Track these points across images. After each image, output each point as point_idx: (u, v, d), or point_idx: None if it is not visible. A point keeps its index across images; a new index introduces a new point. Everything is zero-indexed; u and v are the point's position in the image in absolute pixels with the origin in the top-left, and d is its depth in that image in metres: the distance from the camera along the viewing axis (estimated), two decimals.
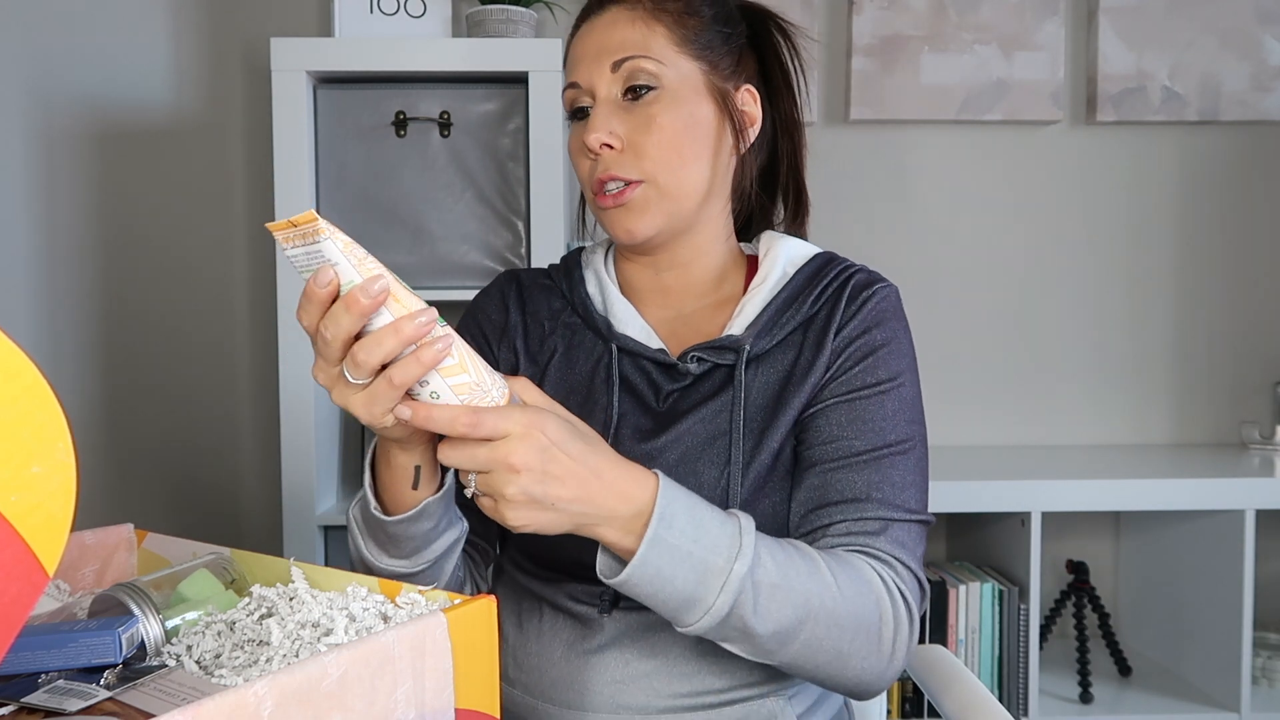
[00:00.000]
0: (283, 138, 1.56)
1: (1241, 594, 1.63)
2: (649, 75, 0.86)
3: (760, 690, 0.84)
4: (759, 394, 0.86)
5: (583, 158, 0.90)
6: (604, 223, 0.90)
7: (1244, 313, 2.03)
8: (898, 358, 0.86)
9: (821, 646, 0.74)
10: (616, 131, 0.86)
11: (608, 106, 0.86)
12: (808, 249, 0.94)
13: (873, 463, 0.82)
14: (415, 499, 0.75)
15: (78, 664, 0.58)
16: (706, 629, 0.71)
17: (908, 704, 1.76)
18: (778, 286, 0.90)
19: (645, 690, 0.83)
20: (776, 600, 0.72)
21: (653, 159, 0.86)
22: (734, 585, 0.70)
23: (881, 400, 0.84)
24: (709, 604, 0.70)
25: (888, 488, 0.81)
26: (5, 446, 0.37)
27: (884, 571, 0.78)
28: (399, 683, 0.51)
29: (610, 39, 0.87)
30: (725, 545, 0.71)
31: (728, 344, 0.87)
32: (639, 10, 0.87)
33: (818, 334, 0.87)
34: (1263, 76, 1.96)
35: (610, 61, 0.86)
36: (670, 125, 0.86)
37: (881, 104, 1.94)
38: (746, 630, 0.72)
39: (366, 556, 0.79)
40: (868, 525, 0.80)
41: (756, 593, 0.71)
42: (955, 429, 2.02)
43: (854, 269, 0.91)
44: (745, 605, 0.70)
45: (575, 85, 0.89)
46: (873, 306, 0.87)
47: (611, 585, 0.71)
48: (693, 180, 0.88)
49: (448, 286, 1.60)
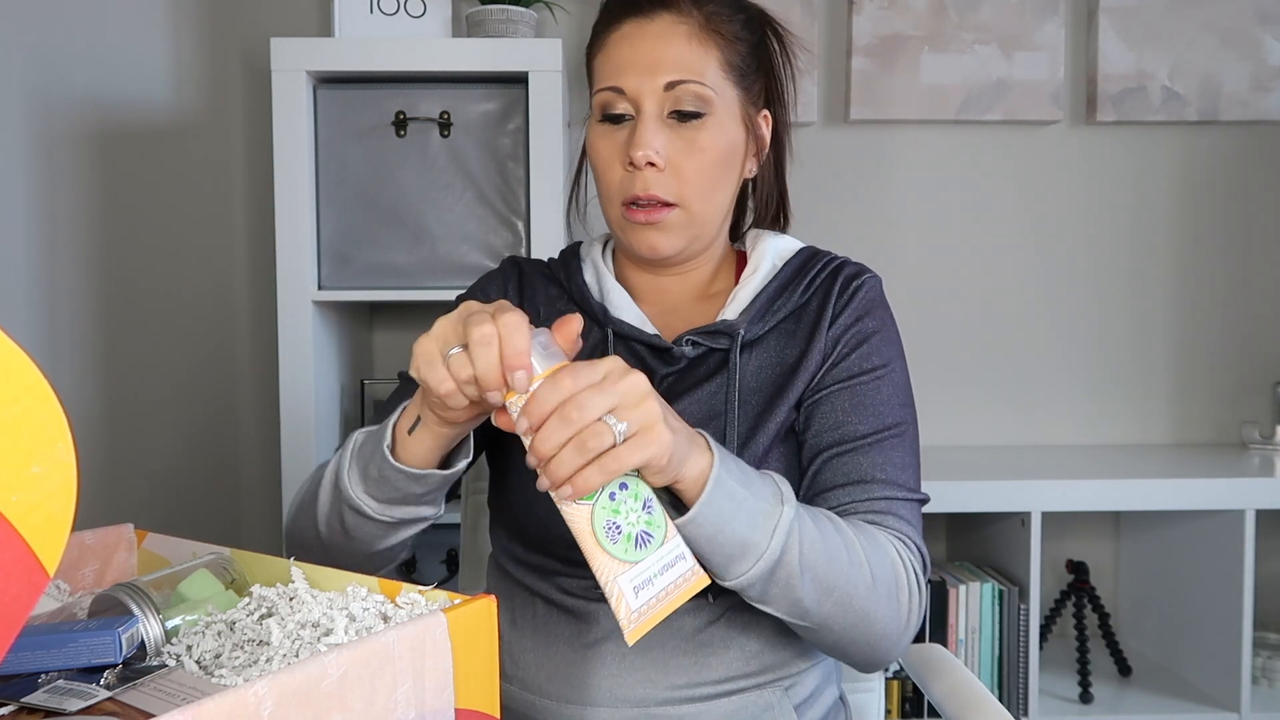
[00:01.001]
0: (283, 138, 1.56)
1: (1241, 594, 1.63)
2: (700, 101, 0.86)
3: (757, 681, 0.85)
4: (752, 378, 0.88)
5: (617, 165, 0.88)
6: (625, 233, 0.90)
7: (1244, 313, 2.03)
8: (888, 344, 0.90)
9: (852, 605, 0.76)
10: (662, 151, 0.85)
11: (655, 123, 0.86)
12: (793, 243, 0.97)
13: (875, 445, 0.85)
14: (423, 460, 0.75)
15: (78, 664, 0.58)
16: (756, 578, 0.72)
17: (907, 704, 1.76)
18: (768, 276, 0.93)
19: (643, 682, 0.83)
20: (815, 553, 0.73)
21: (691, 184, 0.87)
22: (784, 529, 0.71)
23: (878, 385, 0.87)
24: (762, 548, 0.71)
25: (890, 468, 0.84)
26: (5, 446, 0.37)
27: (895, 544, 0.81)
28: (399, 683, 0.51)
29: (665, 54, 0.86)
30: (771, 493, 0.73)
31: (722, 329, 0.89)
32: (693, 25, 0.86)
33: (810, 322, 0.90)
34: (1263, 76, 1.96)
35: (665, 80, 0.85)
36: (712, 152, 0.87)
37: (881, 104, 1.94)
38: (790, 581, 0.73)
39: (343, 476, 0.79)
40: (874, 505, 0.83)
41: (802, 542, 0.73)
42: (956, 429, 2.02)
43: (839, 260, 0.94)
44: (793, 551, 0.72)
45: (618, 90, 0.87)
46: (863, 295, 0.90)
47: (676, 524, 0.71)
48: (718, 205, 0.90)
49: (448, 286, 1.60)
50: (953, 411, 2.02)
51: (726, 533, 0.70)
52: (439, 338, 0.67)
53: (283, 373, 1.59)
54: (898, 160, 1.99)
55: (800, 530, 0.73)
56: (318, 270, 1.62)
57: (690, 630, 0.84)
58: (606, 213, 0.92)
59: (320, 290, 1.61)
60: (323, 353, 1.66)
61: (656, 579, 0.67)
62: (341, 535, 0.81)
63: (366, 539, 0.81)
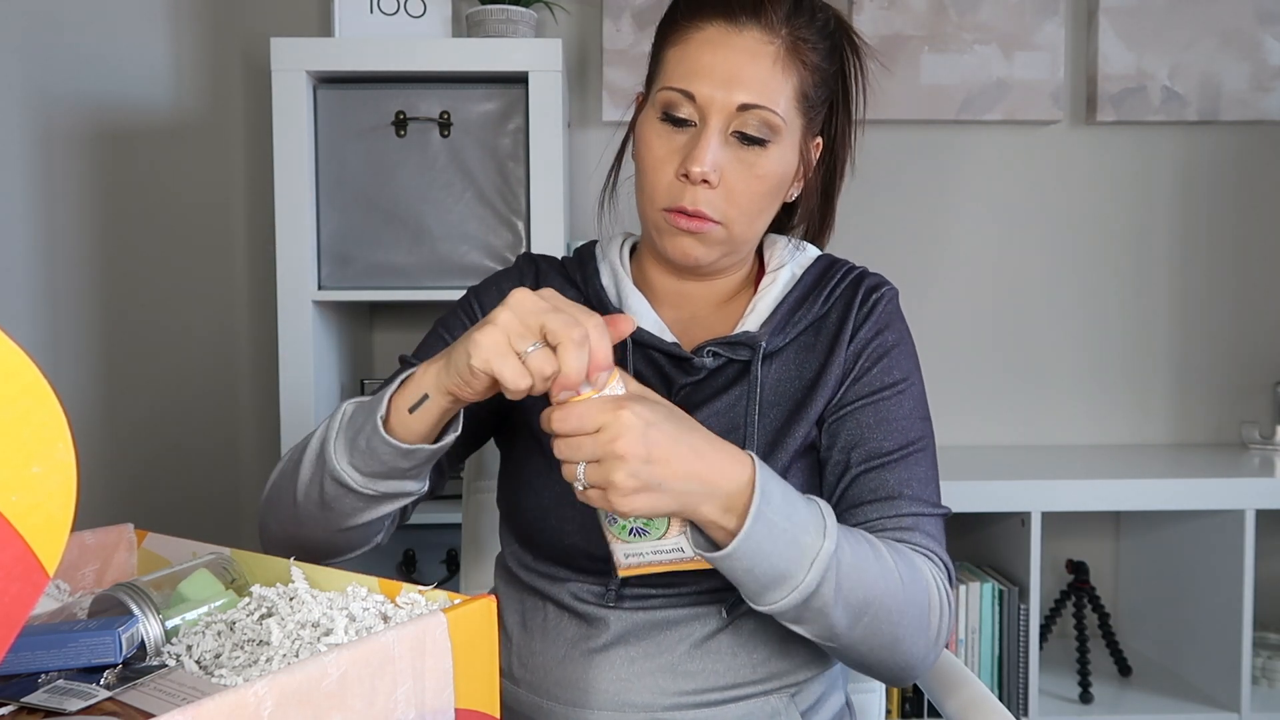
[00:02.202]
0: (283, 138, 1.56)
1: (1241, 594, 1.63)
2: (769, 130, 0.84)
3: (764, 688, 0.85)
4: (771, 391, 0.88)
5: (668, 170, 0.86)
6: (661, 235, 0.88)
7: (1244, 313, 2.03)
8: (907, 357, 0.90)
9: (881, 630, 0.76)
10: (719, 169, 0.84)
11: (719, 139, 0.84)
12: (811, 251, 0.97)
13: (900, 461, 0.85)
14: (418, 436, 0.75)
15: (78, 664, 0.58)
16: (789, 606, 0.73)
17: (907, 704, 1.76)
18: (788, 286, 0.92)
19: (650, 688, 0.83)
20: (851, 580, 0.74)
21: (740, 207, 0.85)
22: (822, 562, 0.72)
23: (900, 400, 0.87)
24: (798, 580, 0.71)
25: (916, 484, 0.85)
26: (5, 446, 0.37)
27: (927, 563, 0.81)
28: (399, 683, 0.51)
29: (746, 72, 0.83)
30: (814, 524, 0.73)
31: (743, 340, 0.88)
32: (779, 47, 0.83)
33: (831, 334, 0.89)
34: (1263, 76, 1.96)
35: (740, 101, 0.82)
36: (768, 180, 0.86)
37: (881, 104, 1.94)
38: (824, 609, 0.73)
39: (329, 446, 0.78)
40: (902, 522, 0.83)
41: (839, 573, 0.73)
42: (955, 429, 2.02)
43: (858, 270, 0.94)
44: (829, 583, 0.72)
45: (688, 95, 0.84)
46: (883, 309, 0.90)
47: (710, 559, 0.72)
48: (758, 229, 0.90)
49: (448, 286, 1.60)
50: (953, 411, 2.02)
51: (763, 565, 0.71)
52: (509, 329, 0.67)
53: (283, 373, 1.59)
54: (898, 160, 1.99)
55: (839, 561, 0.73)
56: (318, 270, 1.62)
57: (697, 637, 0.84)
58: (644, 211, 0.89)
59: (320, 290, 1.61)
60: (323, 353, 1.66)
61: (649, 554, 0.74)
62: (318, 506, 0.80)
63: (344, 512, 0.79)
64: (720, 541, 0.72)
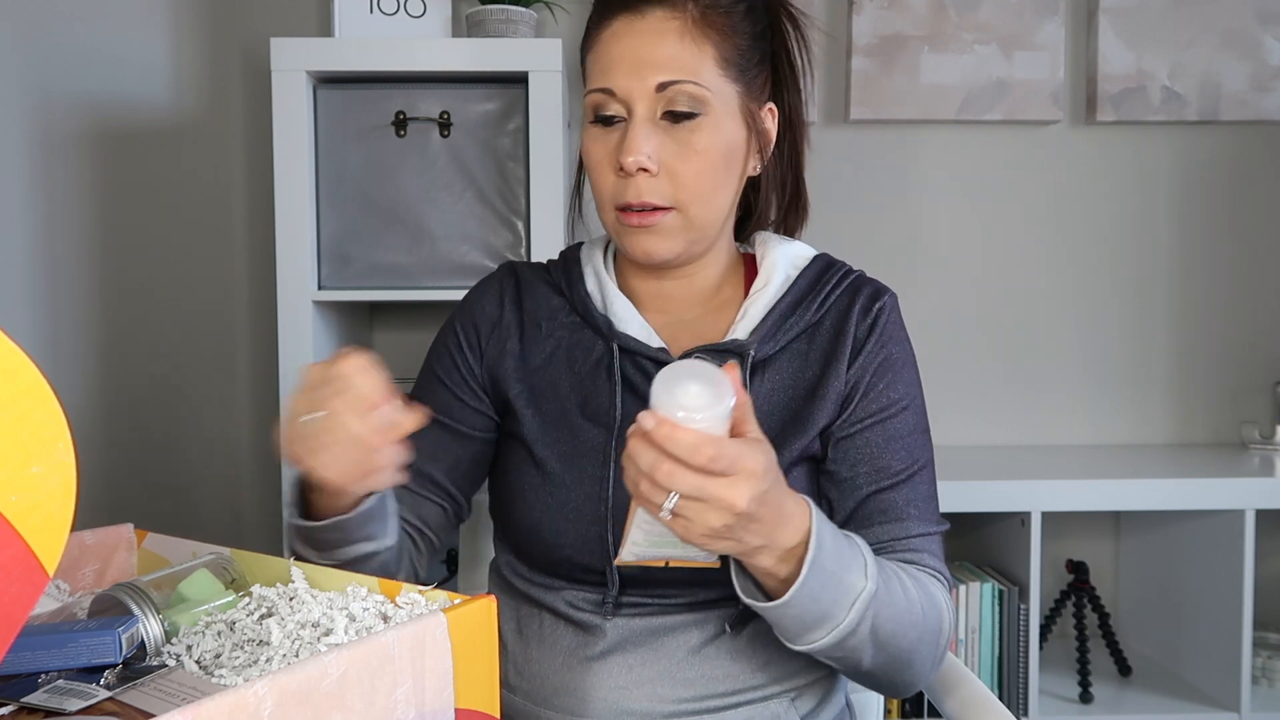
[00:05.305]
0: (283, 138, 1.56)
1: (1241, 594, 1.63)
2: (695, 101, 0.82)
3: (764, 693, 0.84)
4: (765, 402, 0.86)
5: (608, 170, 0.85)
6: (621, 239, 0.87)
7: (1244, 312, 2.03)
8: (910, 369, 0.89)
9: (900, 657, 0.77)
10: (654, 155, 0.82)
11: (646, 126, 0.82)
12: (806, 251, 0.93)
13: (908, 481, 0.85)
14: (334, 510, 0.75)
15: (78, 664, 0.58)
16: (826, 646, 0.73)
17: (907, 704, 1.76)
18: (780, 290, 0.89)
19: (648, 695, 0.82)
20: (884, 617, 0.74)
21: (688, 188, 0.83)
22: (863, 603, 0.72)
23: (905, 416, 0.87)
24: (838, 621, 0.72)
25: (921, 503, 0.85)
26: (5, 446, 0.37)
27: (939, 587, 0.83)
28: (399, 683, 0.51)
29: (656, 53, 0.82)
30: (857, 564, 0.73)
31: (732, 348, 0.86)
32: (686, 21, 0.82)
33: (827, 341, 0.87)
34: (1263, 76, 1.96)
35: (656, 81, 0.81)
36: (709, 154, 0.83)
37: (881, 104, 1.94)
38: (858, 647, 0.74)
39: (291, 538, 0.80)
40: (911, 544, 0.84)
41: (876, 612, 0.73)
42: (955, 429, 2.02)
43: (855, 274, 0.91)
44: (865, 622, 0.73)
45: (608, 92, 0.84)
46: (885, 319, 0.88)
47: (758, 608, 0.72)
48: (718, 207, 0.87)
49: (448, 286, 1.60)
50: (953, 411, 2.02)
51: (812, 610, 0.71)
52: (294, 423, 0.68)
53: (283, 373, 1.59)
54: (898, 161, 1.99)
55: (875, 601, 0.73)
56: (318, 270, 1.62)
57: (695, 643, 0.83)
58: (602, 217, 0.89)
59: (320, 290, 1.61)
60: (323, 353, 1.66)
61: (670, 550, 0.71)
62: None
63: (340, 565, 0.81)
64: (769, 587, 0.72)
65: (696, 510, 0.64)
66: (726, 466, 0.62)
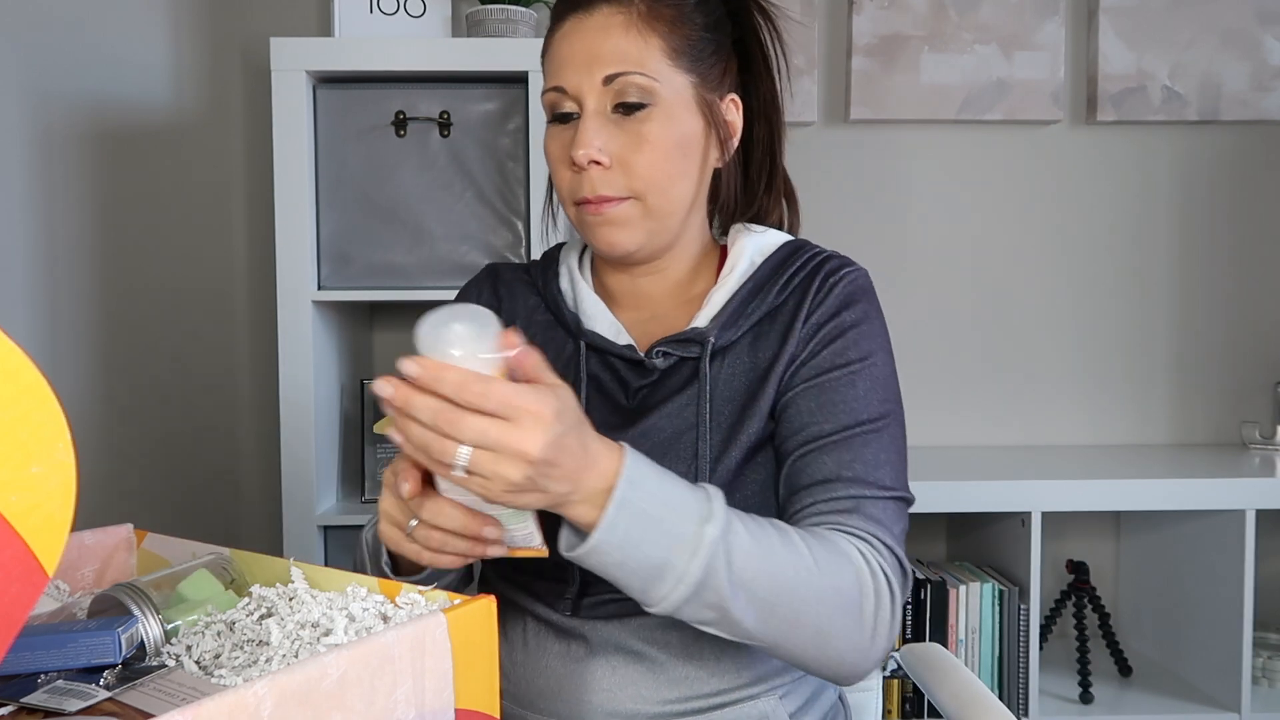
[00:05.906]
0: (283, 138, 1.56)
1: (1241, 594, 1.63)
2: (643, 92, 0.82)
3: (751, 691, 0.84)
4: (725, 387, 0.85)
5: (564, 167, 0.86)
6: (584, 231, 0.88)
7: (1244, 313, 2.03)
8: (869, 338, 0.85)
9: (801, 623, 0.72)
10: (605, 148, 0.83)
11: (597, 120, 0.83)
12: (777, 238, 0.92)
13: (842, 443, 0.80)
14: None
15: (77, 664, 0.58)
16: (680, 602, 0.68)
17: (907, 704, 1.76)
18: (743, 277, 0.88)
19: (635, 697, 0.82)
20: (750, 570, 0.69)
21: (642, 178, 0.83)
22: (706, 550, 0.67)
23: (852, 380, 0.83)
24: (680, 571, 0.67)
25: (859, 466, 0.80)
26: (5, 446, 0.37)
27: (862, 548, 0.76)
28: (399, 683, 0.51)
29: (602, 47, 0.83)
30: (694, 510, 0.68)
31: (692, 336, 0.85)
32: (632, 15, 0.83)
33: (785, 322, 0.85)
34: (1263, 76, 1.96)
35: (603, 74, 0.82)
36: (661, 144, 0.83)
37: (881, 104, 1.94)
38: (722, 604, 0.69)
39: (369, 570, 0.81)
40: (839, 504, 0.79)
41: (730, 561, 0.68)
42: (956, 429, 2.02)
43: (823, 254, 0.89)
44: (719, 574, 0.68)
45: (560, 90, 0.85)
46: (843, 289, 0.86)
47: (575, 557, 0.68)
48: (678, 197, 0.86)
49: (448, 286, 1.60)
50: (953, 411, 2.02)
51: (636, 557, 0.67)
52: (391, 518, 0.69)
53: (283, 373, 1.59)
54: (898, 160, 1.99)
55: (728, 548, 0.68)
56: (317, 270, 1.62)
57: (682, 642, 0.83)
58: (567, 214, 0.89)
59: (320, 290, 1.61)
60: (323, 353, 1.66)
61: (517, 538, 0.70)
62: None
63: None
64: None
65: (489, 462, 0.60)
66: (499, 405, 0.59)
